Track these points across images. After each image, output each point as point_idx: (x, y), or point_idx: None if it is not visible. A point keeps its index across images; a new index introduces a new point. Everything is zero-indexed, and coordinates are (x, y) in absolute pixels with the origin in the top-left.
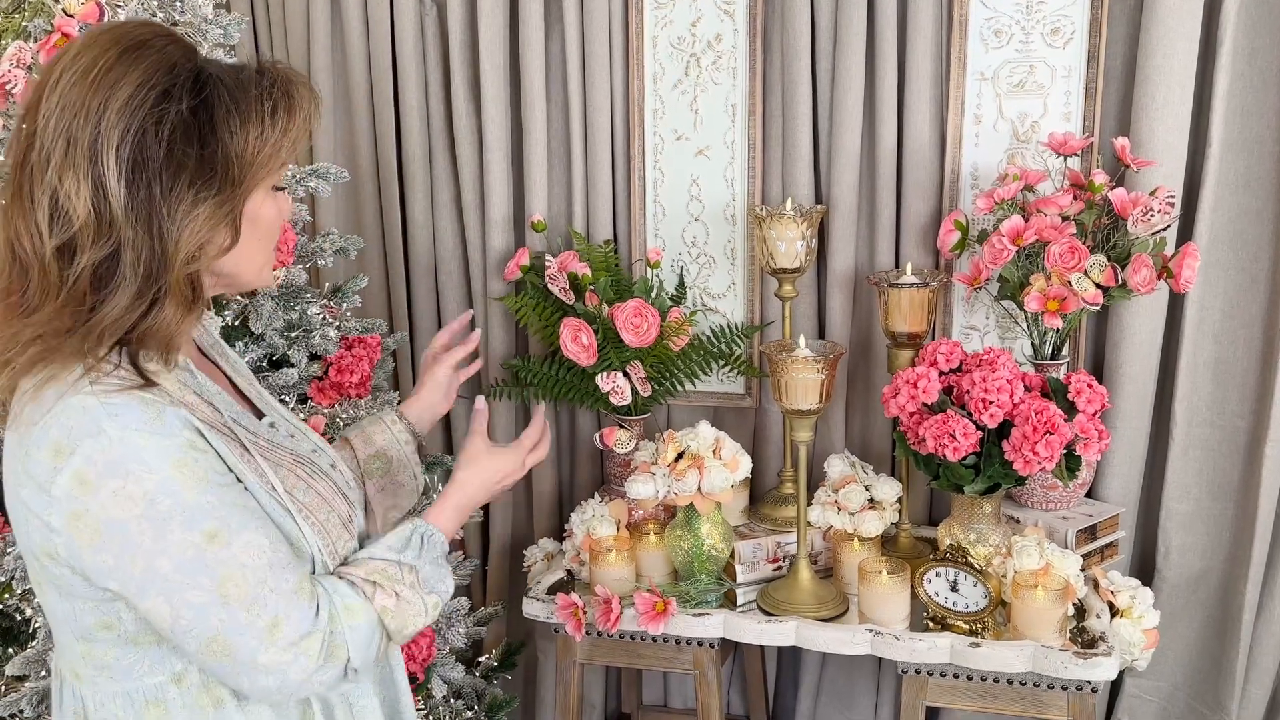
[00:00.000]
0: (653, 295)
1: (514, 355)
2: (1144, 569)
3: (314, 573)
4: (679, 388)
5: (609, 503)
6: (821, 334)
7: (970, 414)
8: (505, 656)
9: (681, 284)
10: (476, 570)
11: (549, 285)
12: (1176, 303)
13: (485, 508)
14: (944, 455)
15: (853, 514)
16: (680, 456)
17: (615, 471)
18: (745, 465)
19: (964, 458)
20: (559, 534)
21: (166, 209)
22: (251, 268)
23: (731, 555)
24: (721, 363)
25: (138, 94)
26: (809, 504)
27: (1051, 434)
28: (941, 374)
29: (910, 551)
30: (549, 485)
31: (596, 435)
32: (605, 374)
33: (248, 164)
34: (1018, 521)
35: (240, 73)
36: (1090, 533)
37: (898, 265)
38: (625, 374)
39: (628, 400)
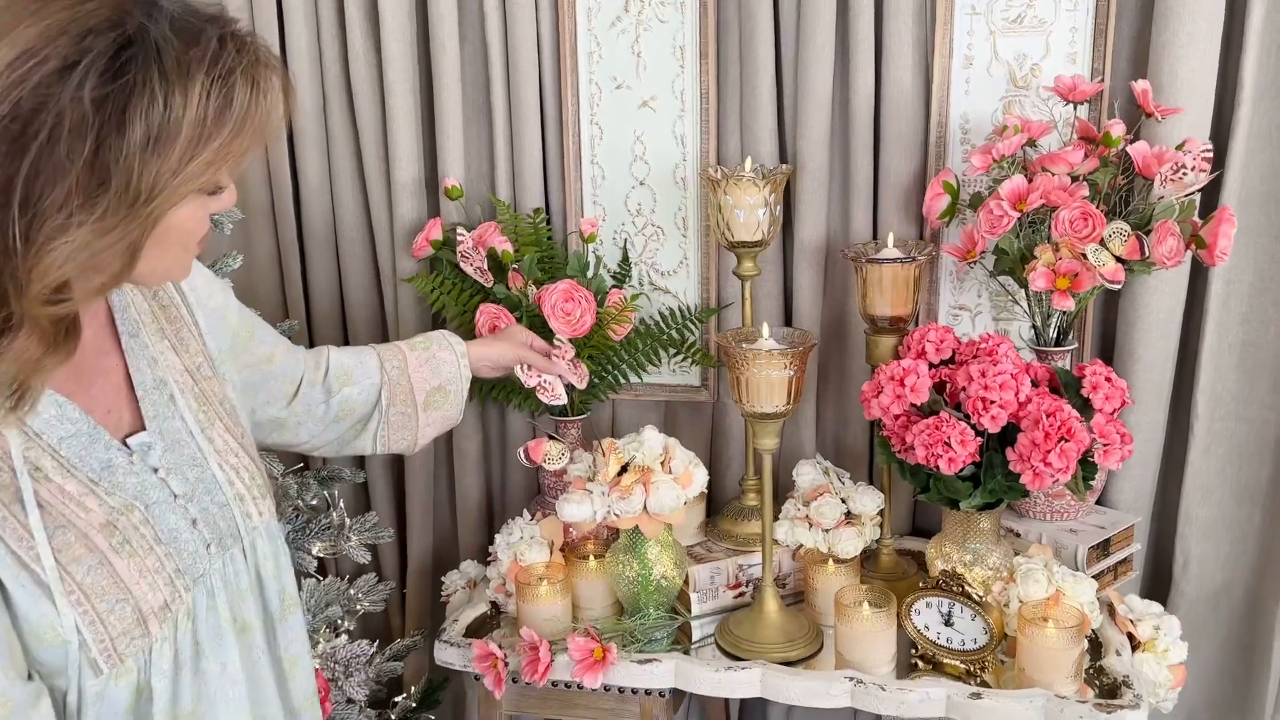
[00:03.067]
0: (588, 274)
1: None
2: (1158, 582)
3: (81, 667)
4: (623, 381)
5: (541, 520)
6: (788, 319)
7: (967, 416)
8: (427, 694)
9: (625, 260)
10: (393, 595)
11: (461, 264)
12: (1199, 277)
13: (401, 521)
14: (937, 467)
15: (827, 530)
16: (624, 470)
17: (550, 482)
18: (700, 479)
19: (961, 469)
20: (486, 554)
21: (22, 225)
22: (161, 273)
23: (685, 582)
24: (673, 351)
25: (18, 64)
26: (775, 518)
27: (1067, 440)
28: (932, 366)
29: (893, 571)
30: (475, 495)
31: (520, 451)
32: (527, 367)
33: (163, 181)
34: (1018, 535)
35: (193, 45)
36: (1103, 548)
37: (876, 236)
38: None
39: (562, 400)
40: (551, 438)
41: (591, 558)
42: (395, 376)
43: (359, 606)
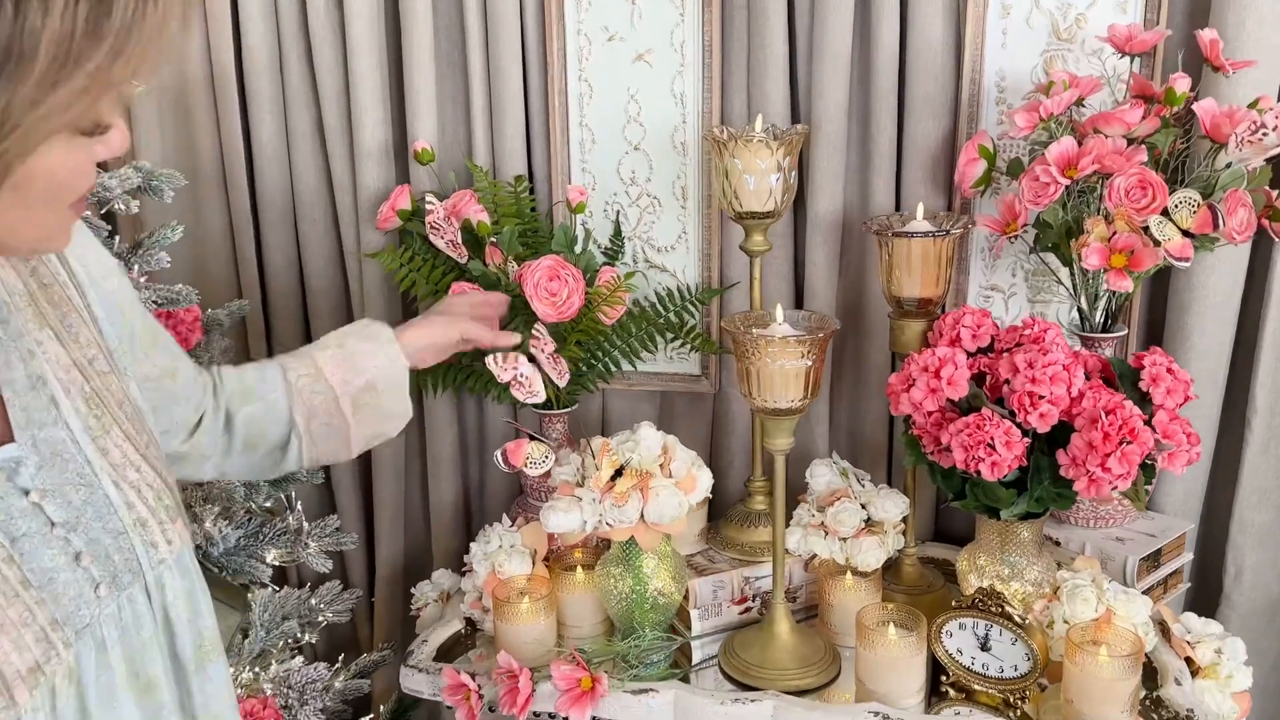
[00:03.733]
0: (576, 250)
1: None
2: (1207, 594)
3: None
4: (615, 369)
5: (523, 526)
6: (799, 301)
7: (1012, 413)
8: (397, 715)
9: (618, 234)
10: (360, 604)
11: (430, 237)
12: (1258, 254)
13: (370, 523)
14: (977, 472)
15: (845, 540)
16: (618, 474)
17: (533, 484)
18: (704, 483)
19: (1005, 475)
20: (462, 562)
21: None
22: (27, 239)
23: (685, 597)
24: (670, 336)
25: None
26: (787, 524)
27: (1129, 443)
28: (968, 355)
29: (918, 583)
30: (451, 496)
31: (498, 454)
32: (501, 358)
33: (16, 113)
34: (1058, 544)
35: None
36: (1153, 559)
37: (899, 208)
38: (531, 358)
39: (540, 397)
40: (534, 438)
41: (579, 569)
42: (306, 387)
43: (321, 618)
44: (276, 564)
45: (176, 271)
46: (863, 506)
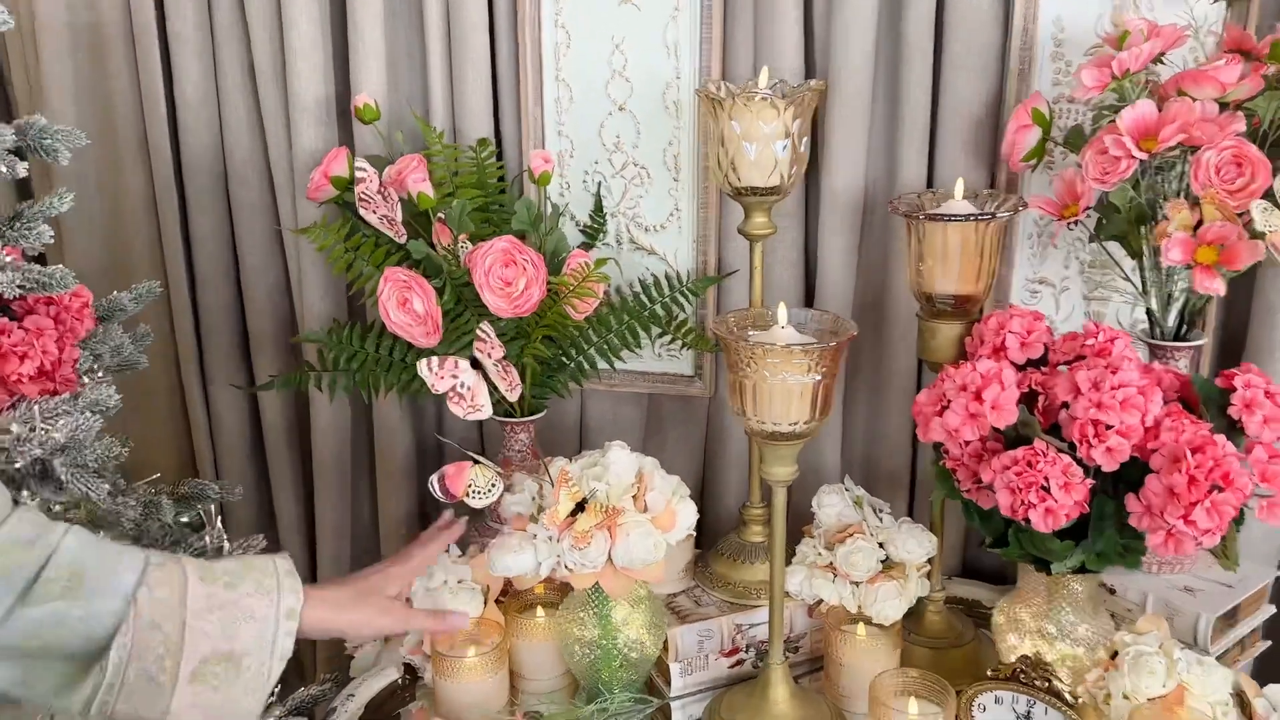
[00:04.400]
0: (542, 229)
1: (346, 321)
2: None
3: None
4: (589, 369)
5: (473, 557)
6: (809, 296)
7: (1072, 446)
8: None
9: (599, 209)
10: None
11: (360, 210)
12: None
13: (312, 537)
14: (1026, 520)
15: (857, 584)
16: (580, 508)
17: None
18: (686, 520)
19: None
20: None
21: None
22: None
23: (664, 647)
24: (657, 332)
25: None
26: (789, 563)
27: (1222, 489)
28: (1015, 369)
29: (943, 634)
30: (404, 510)
31: (434, 480)
32: (437, 364)
33: None
34: (1112, 592)
35: None
36: (1229, 616)
37: (932, 183)
38: (475, 363)
39: (485, 412)
40: (478, 461)
41: (540, 610)
42: (153, 614)
43: None
44: None
45: (90, 248)
46: (880, 545)
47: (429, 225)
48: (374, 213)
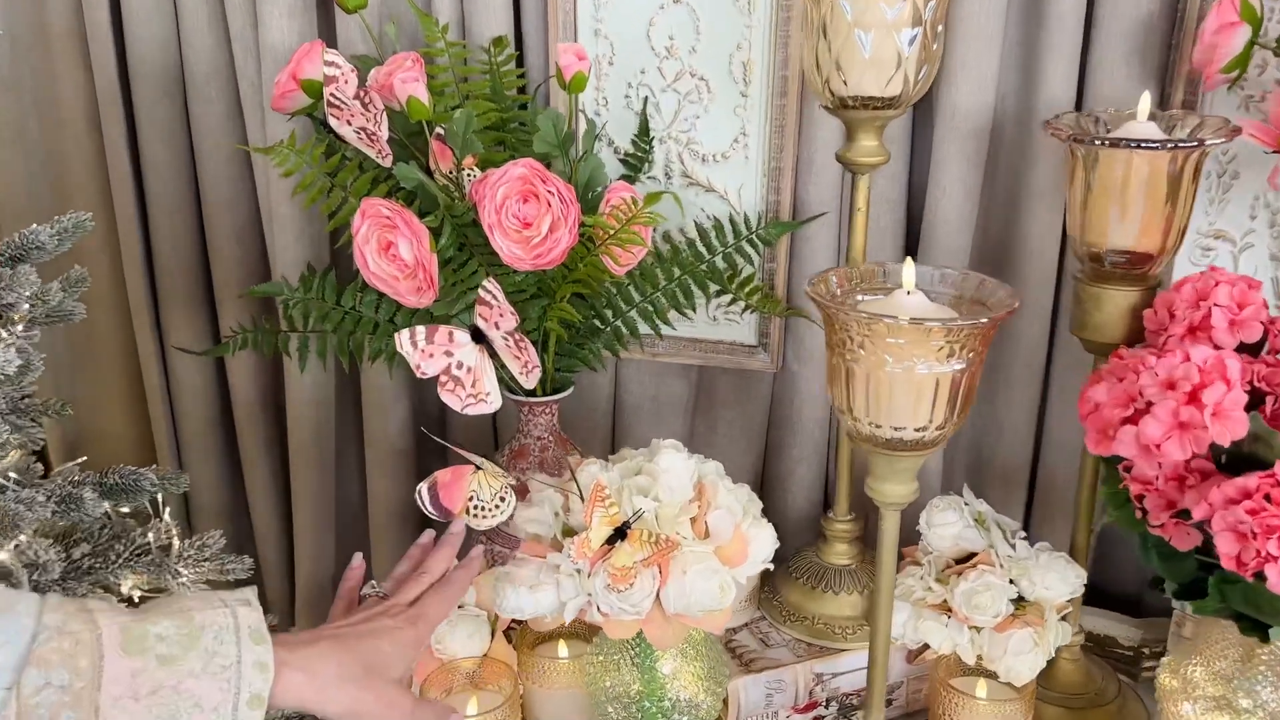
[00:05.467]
0: (572, 153)
1: (326, 268)
2: None
3: None
4: (627, 337)
5: (482, 573)
6: (911, 247)
7: None
8: None
9: (644, 132)
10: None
11: (330, 120)
12: None
13: (290, 526)
14: (1259, 574)
15: (979, 630)
16: (620, 533)
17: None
18: (761, 548)
19: None
20: None
21: None
22: None
23: (724, 703)
24: (716, 290)
25: None
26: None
27: None
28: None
29: (1080, 687)
30: (399, 496)
31: (422, 489)
32: (422, 334)
33: None
34: None
35: None
36: None
37: (1081, 103)
38: (478, 335)
39: (493, 403)
40: (480, 467)
41: (561, 645)
42: (50, 709)
43: None
44: (139, 594)
45: (19, 175)
46: (1010, 582)
47: (425, 146)
48: (348, 123)
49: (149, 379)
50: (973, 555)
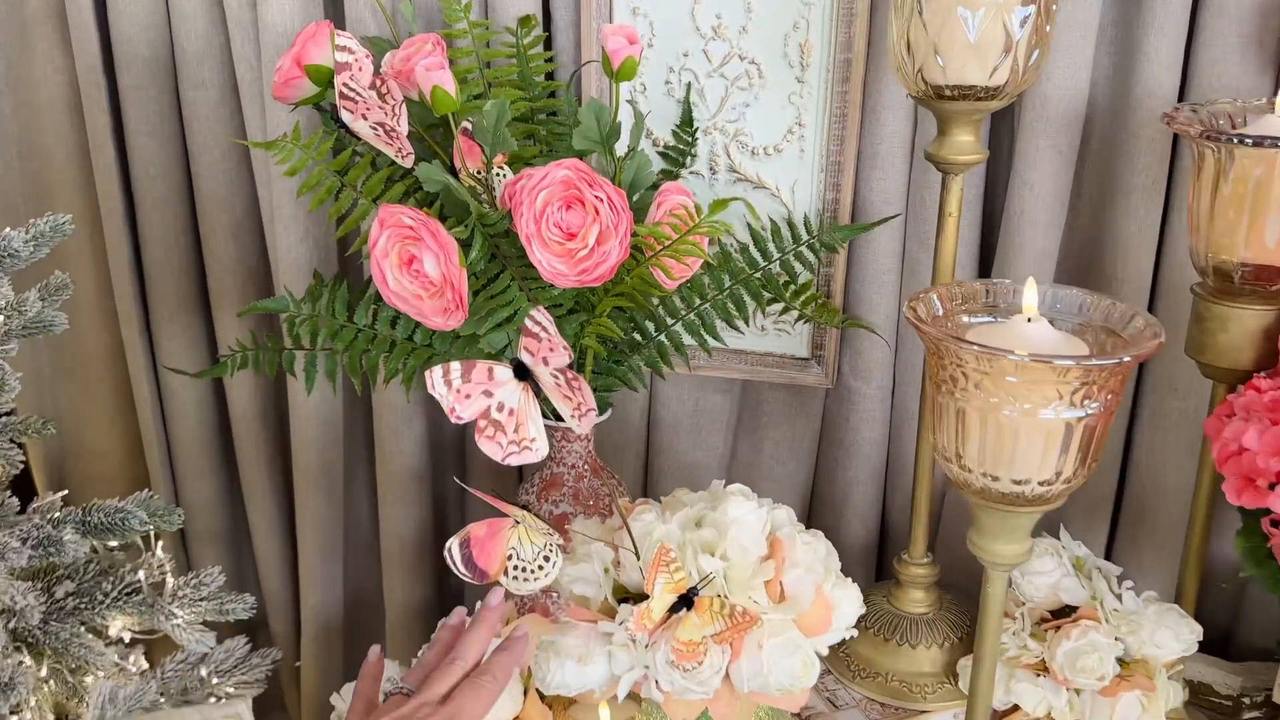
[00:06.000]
0: (618, 149)
1: (336, 274)
2: None
3: None
4: (675, 353)
5: (514, 623)
6: (985, 254)
7: None
8: None
9: (687, 122)
10: (282, 666)
11: (342, 115)
12: None
13: (294, 559)
14: None
15: (1078, 691)
16: (686, 602)
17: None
18: (846, 614)
19: None
20: (426, 630)
21: None
22: None
23: None
24: (768, 297)
25: None
26: (960, 645)
27: None
28: None
29: None
30: (413, 523)
31: (452, 546)
32: (457, 371)
33: None
34: None
35: None
36: None
37: (1185, 92)
38: (522, 370)
39: (540, 452)
40: (518, 517)
41: (603, 709)
42: None
43: (216, 694)
44: (130, 636)
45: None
46: (1116, 639)
47: (445, 140)
48: (363, 118)
49: (139, 392)
50: (1069, 607)
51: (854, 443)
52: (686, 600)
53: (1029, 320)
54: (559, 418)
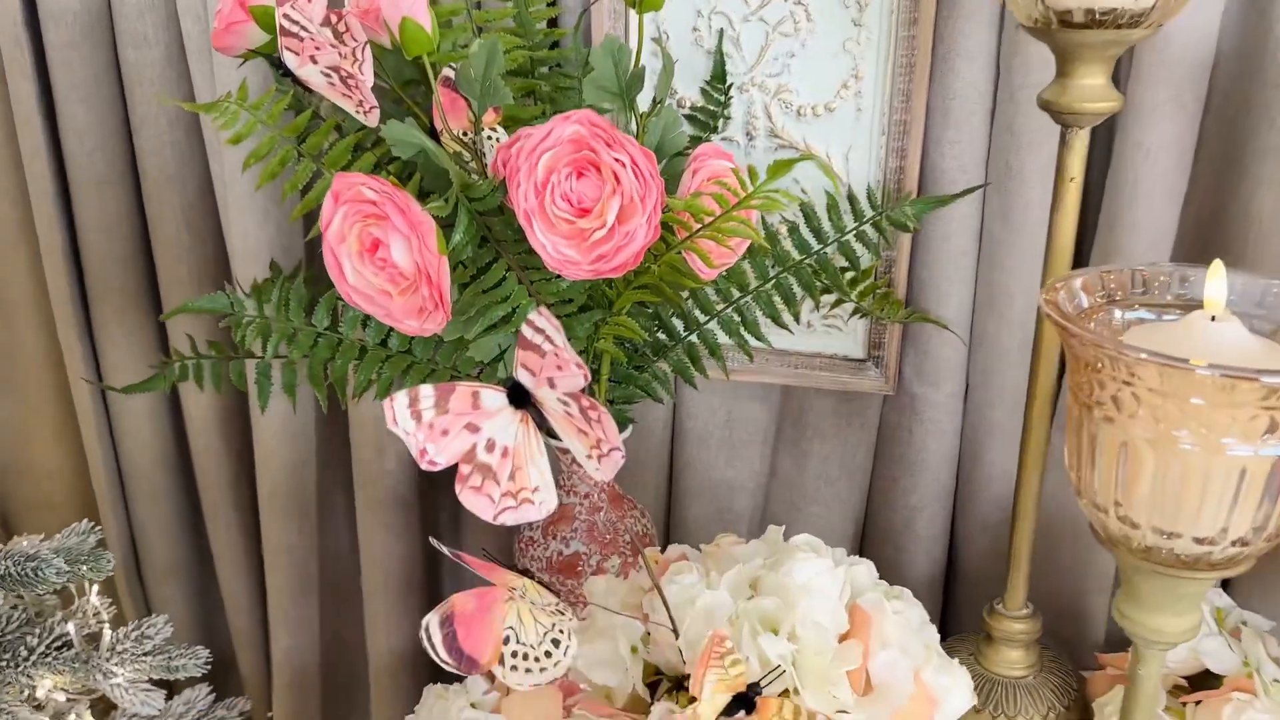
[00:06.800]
0: (635, 104)
1: (300, 265)
2: None
3: None
4: (709, 357)
5: (510, 695)
6: (1087, 225)
7: None
8: None
9: (719, 77)
10: (253, 716)
11: (284, 58)
12: None
13: (263, 595)
14: None
15: None
16: (747, 704)
17: (560, 562)
18: (954, 705)
19: None
20: (415, 687)
21: None
22: None
23: None
24: (821, 286)
25: None
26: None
27: None
28: None
29: None
30: (400, 553)
31: (431, 625)
32: (426, 398)
33: None
34: None
35: None
36: None
37: None
38: (519, 394)
39: (544, 504)
40: (522, 578)
41: None
42: None
43: None
44: (63, 698)
45: None
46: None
47: (427, 99)
48: (312, 60)
49: (80, 404)
50: (1211, 674)
51: (918, 460)
52: (746, 702)
53: (1213, 319)
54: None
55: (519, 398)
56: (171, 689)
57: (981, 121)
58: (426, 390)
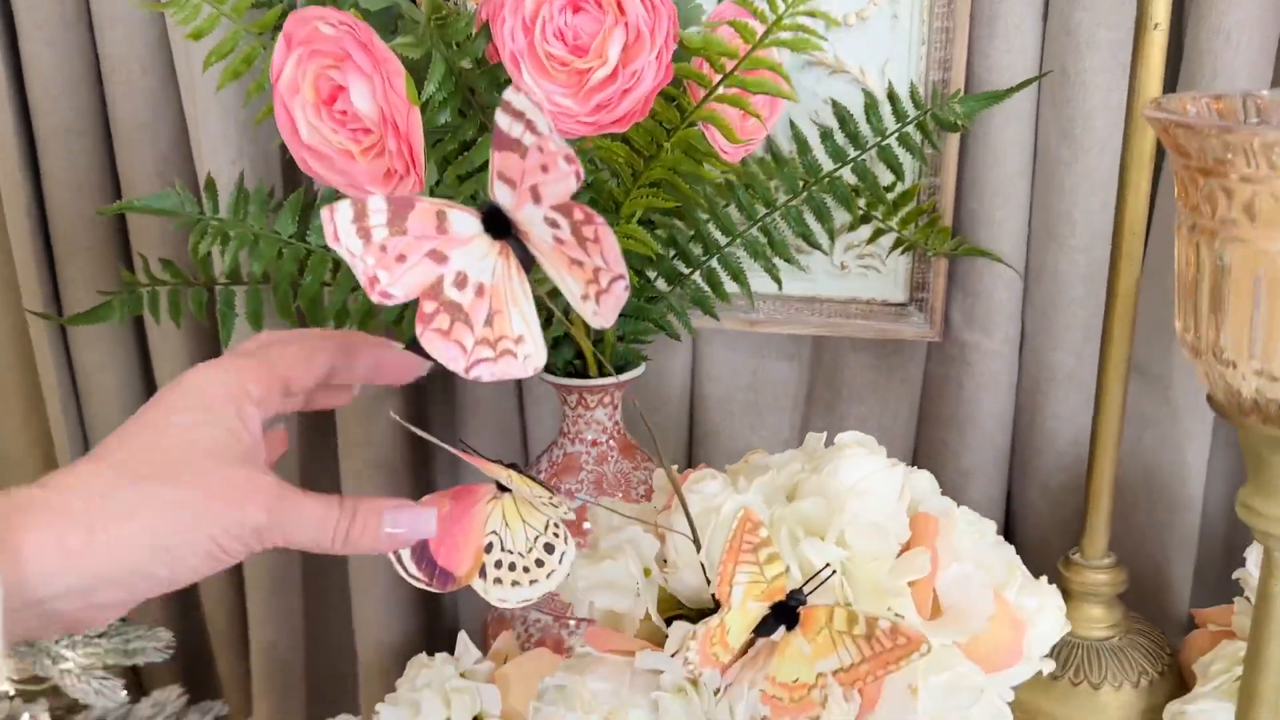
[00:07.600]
0: None
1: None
2: None
3: None
4: (734, 286)
5: (508, 661)
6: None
7: None
8: None
9: None
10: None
11: None
12: None
13: (240, 586)
14: None
15: None
16: (788, 616)
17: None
18: (1045, 629)
19: None
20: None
21: None
22: None
23: None
24: (861, 212)
25: None
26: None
27: None
28: None
29: None
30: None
31: (403, 559)
32: (375, 210)
33: None
34: None
35: None
36: None
37: None
38: (497, 220)
39: (530, 360)
40: (503, 484)
41: None
42: None
43: None
44: (10, 690)
45: None
46: None
47: None
48: None
49: (46, 381)
50: None
51: (969, 417)
52: (787, 613)
53: None
54: (573, 371)
55: (497, 227)
56: (141, 689)
57: (1033, 28)
58: (377, 201)
